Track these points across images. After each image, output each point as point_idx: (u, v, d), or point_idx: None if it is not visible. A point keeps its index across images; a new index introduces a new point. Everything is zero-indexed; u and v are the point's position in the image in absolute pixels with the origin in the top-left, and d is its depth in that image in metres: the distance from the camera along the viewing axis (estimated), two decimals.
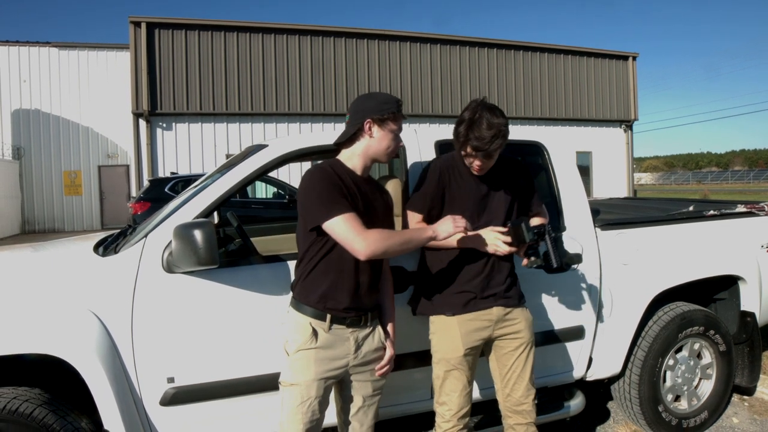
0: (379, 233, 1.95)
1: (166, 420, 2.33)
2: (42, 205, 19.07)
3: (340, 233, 1.94)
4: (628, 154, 21.38)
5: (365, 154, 2.12)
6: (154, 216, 2.80)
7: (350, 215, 1.94)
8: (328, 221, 1.94)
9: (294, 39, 17.15)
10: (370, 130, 2.09)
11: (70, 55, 19.24)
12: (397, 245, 1.99)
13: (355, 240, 1.92)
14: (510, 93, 19.52)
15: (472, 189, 2.34)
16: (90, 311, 2.21)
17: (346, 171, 2.09)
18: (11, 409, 2.06)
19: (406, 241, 2.03)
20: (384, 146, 2.12)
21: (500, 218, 2.36)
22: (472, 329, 2.32)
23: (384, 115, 2.08)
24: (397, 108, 2.12)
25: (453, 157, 2.42)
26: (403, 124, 2.20)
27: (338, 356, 2.07)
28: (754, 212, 3.58)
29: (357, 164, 2.13)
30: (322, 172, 2.01)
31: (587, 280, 2.95)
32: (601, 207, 4.31)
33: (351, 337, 2.09)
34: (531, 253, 2.26)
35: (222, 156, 16.43)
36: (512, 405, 2.40)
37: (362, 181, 2.13)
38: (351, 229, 1.92)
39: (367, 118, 2.07)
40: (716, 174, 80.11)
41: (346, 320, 2.07)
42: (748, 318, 3.48)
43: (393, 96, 2.16)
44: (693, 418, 3.32)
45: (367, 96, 2.17)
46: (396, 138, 2.14)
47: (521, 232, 2.20)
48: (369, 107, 2.10)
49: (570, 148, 3.30)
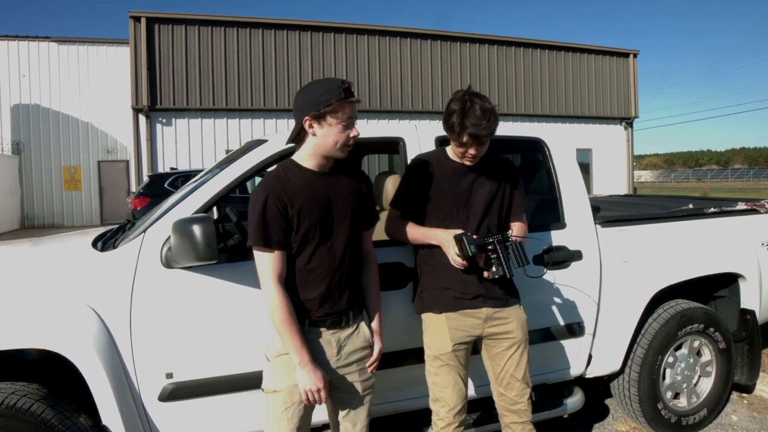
0: (280, 295, 1.90)
1: (164, 415, 2.32)
2: (41, 200, 19.04)
3: (258, 265, 1.94)
4: (628, 152, 21.37)
5: (315, 153, 1.97)
6: (153, 211, 2.79)
7: (271, 256, 1.91)
8: (254, 249, 1.93)
9: (294, 35, 17.12)
10: (311, 128, 1.92)
11: (70, 49, 19.18)
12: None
13: (263, 281, 1.93)
14: (510, 90, 19.50)
15: (451, 184, 2.34)
16: (88, 306, 2.20)
17: (298, 175, 1.96)
18: (9, 404, 2.05)
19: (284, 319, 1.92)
20: (331, 142, 1.93)
21: (479, 215, 2.34)
22: (461, 326, 2.32)
23: (320, 110, 1.87)
24: (338, 96, 1.87)
25: (434, 154, 2.46)
26: (356, 108, 1.98)
27: (322, 359, 2.01)
28: (755, 209, 3.57)
29: (312, 164, 1.99)
30: (263, 192, 1.91)
31: (587, 277, 2.94)
32: (602, 204, 4.30)
33: (332, 339, 2.03)
34: (491, 264, 2.22)
35: (222, 151, 16.40)
36: (507, 404, 2.40)
37: (319, 181, 1.98)
38: (265, 271, 1.92)
39: (304, 117, 1.90)
40: (716, 172, 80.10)
41: (325, 323, 2.02)
42: (748, 316, 3.48)
43: (333, 82, 1.90)
44: (692, 416, 3.32)
45: (303, 90, 1.98)
46: (344, 129, 1.93)
47: (464, 246, 2.16)
48: (304, 103, 1.91)
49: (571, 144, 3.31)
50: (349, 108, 1.92)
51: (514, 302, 2.40)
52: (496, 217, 2.37)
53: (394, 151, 2.96)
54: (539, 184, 3.07)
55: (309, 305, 1.99)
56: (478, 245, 2.18)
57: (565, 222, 2.92)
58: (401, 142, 2.75)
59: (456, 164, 2.36)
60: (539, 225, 2.84)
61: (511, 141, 3.14)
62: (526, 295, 2.48)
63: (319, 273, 1.98)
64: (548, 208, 2.97)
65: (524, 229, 2.47)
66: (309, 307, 1.99)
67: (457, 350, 2.31)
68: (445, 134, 2.44)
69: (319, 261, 1.97)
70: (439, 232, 2.28)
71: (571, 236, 2.90)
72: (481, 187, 2.35)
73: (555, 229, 2.89)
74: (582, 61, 20.69)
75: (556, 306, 2.90)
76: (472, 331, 2.33)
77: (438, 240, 2.28)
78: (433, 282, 2.37)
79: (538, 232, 2.77)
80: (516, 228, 2.43)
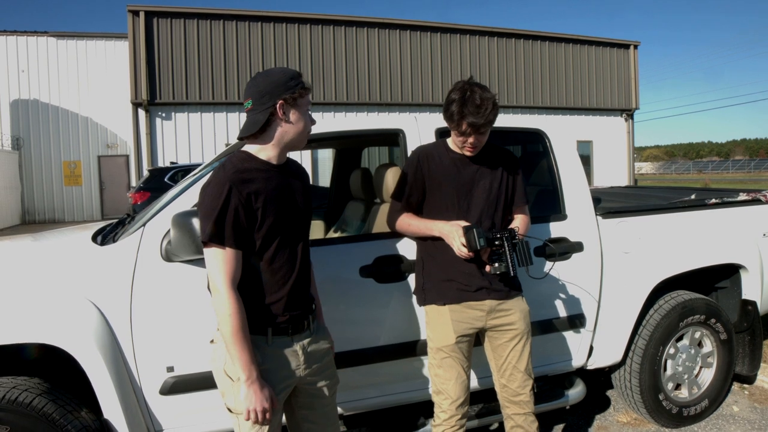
0: (235, 302, 1.71)
1: (165, 409, 2.33)
2: (42, 195, 19.07)
3: (209, 266, 1.75)
4: (629, 143, 21.33)
5: (280, 142, 1.84)
6: (152, 205, 2.78)
7: (227, 255, 1.72)
8: (205, 247, 1.75)
9: (293, 27, 17.06)
10: (284, 114, 1.80)
11: (69, 44, 19.15)
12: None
13: (216, 284, 1.73)
14: (510, 81, 19.44)
15: (452, 175, 2.33)
16: (89, 300, 2.20)
17: (256, 167, 1.82)
18: (11, 399, 2.06)
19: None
20: (301, 128, 1.85)
21: (480, 206, 2.33)
22: (464, 318, 2.31)
23: (295, 93, 1.79)
24: (303, 83, 1.83)
25: (434, 145, 2.45)
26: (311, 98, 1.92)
27: (287, 371, 1.87)
28: (759, 199, 3.56)
29: (272, 155, 1.85)
30: (224, 183, 1.73)
31: (588, 269, 2.94)
32: (603, 195, 4.29)
33: (297, 348, 1.89)
34: (495, 259, 2.21)
35: (221, 145, 16.38)
36: (509, 395, 2.40)
37: (277, 174, 1.86)
38: (219, 272, 1.72)
39: (278, 101, 1.78)
40: (717, 163, 79.91)
41: (288, 329, 1.87)
42: (750, 306, 3.47)
43: (290, 70, 1.85)
44: (693, 407, 3.32)
45: (264, 74, 1.83)
46: (309, 118, 1.88)
47: (472, 238, 2.15)
48: (272, 88, 1.78)
49: (571, 135, 3.31)
50: (308, 97, 1.87)
51: (516, 294, 2.40)
52: (497, 209, 2.36)
53: (394, 143, 2.95)
54: (540, 175, 3.06)
55: (274, 309, 1.84)
56: (487, 239, 2.17)
57: (566, 213, 2.91)
58: (401, 134, 2.74)
59: (457, 155, 2.35)
60: (540, 216, 2.83)
61: (511, 132, 3.13)
62: (527, 287, 2.48)
63: (284, 273, 1.85)
64: (549, 199, 2.96)
65: (526, 220, 2.46)
66: (274, 311, 1.84)
67: (460, 342, 2.31)
68: (445, 126, 2.44)
69: (283, 260, 1.84)
70: (442, 224, 2.27)
71: (572, 227, 2.89)
72: (483, 178, 2.34)
73: (556, 220, 2.88)
74: (582, 52, 20.61)
75: (557, 298, 2.90)
76: (475, 323, 2.33)
77: (440, 231, 2.27)
78: (436, 274, 2.36)
79: (538, 224, 2.77)
80: (518, 220, 2.42)
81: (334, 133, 2.84)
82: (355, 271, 2.53)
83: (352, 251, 2.60)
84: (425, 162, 2.34)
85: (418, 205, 2.38)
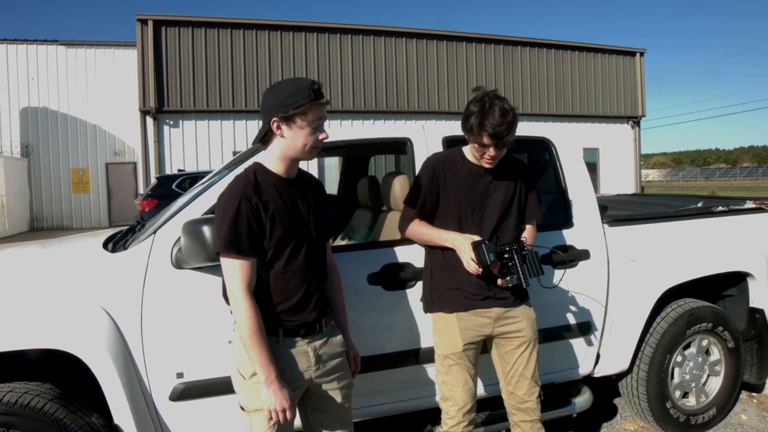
0: (251, 306, 1.79)
1: (175, 415, 2.34)
2: (50, 202, 19.19)
3: (226, 274, 1.83)
4: (635, 151, 21.28)
5: (284, 156, 1.90)
6: (162, 212, 2.81)
7: (242, 264, 1.80)
8: (221, 256, 1.83)
9: (300, 36, 17.17)
10: (279, 130, 1.85)
11: (78, 53, 19.32)
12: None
13: (233, 291, 1.81)
14: (516, 89, 19.46)
15: (467, 185, 2.33)
16: (100, 307, 2.22)
17: (267, 180, 1.89)
18: (23, 404, 2.08)
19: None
20: (300, 145, 1.86)
21: (494, 218, 2.33)
22: (472, 325, 2.32)
23: (288, 111, 1.81)
24: (308, 97, 1.81)
25: (450, 154, 2.44)
26: (326, 111, 1.92)
27: (298, 371, 1.92)
28: (764, 208, 3.56)
29: (279, 168, 1.92)
30: (236, 196, 1.81)
31: (595, 277, 2.94)
32: (609, 203, 4.29)
33: (308, 349, 1.94)
34: (506, 272, 2.23)
35: (229, 153, 16.47)
36: (516, 402, 2.40)
37: (286, 187, 1.92)
38: (235, 280, 1.80)
39: (272, 118, 1.84)
40: (724, 171, 79.51)
41: (299, 331, 1.92)
42: (757, 315, 3.46)
43: (303, 82, 1.83)
44: (701, 415, 3.31)
45: (271, 89, 1.89)
46: (313, 132, 1.86)
47: (482, 254, 2.15)
48: (272, 104, 1.84)
49: (577, 144, 3.31)
50: (318, 110, 1.85)
51: (523, 302, 2.41)
52: (511, 221, 2.37)
53: (401, 151, 2.97)
54: (546, 183, 3.07)
55: (284, 315, 1.90)
56: (497, 253, 2.17)
57: (573, 221, 2.92)
58: (408, 142, 2.76)
59: (473, 166, 2.35)
60: (547, 224, 2.83)
61: (517, 141, 3.10)
62: (534, 294, 2.49)
63: (297, 280, 1.91)
64: (556, 207, 2.97)
65: (533, 230, 2.47)
66: (284, 317, 1.90)
67: (468, 350, 2.32)
68: (451, 135, 2.46)
69: (296, 268, 1.90)
70: (455, 236, 2.27)
71: (578, 235, 2.90)
72: (497, 190, 2.35)
73: (562, 228, 2.89)
74: (588, 60, 20.62)
75: (564, 305, 2.91)
76: (482, 330, 2.34)
77: (453, 243, 2.27)
78: (444, 282, 2.36)
79: (545, 232, 2.77)
80: (528, 232, 2.43)
81: (341, 141, 2.86)
82: (363, 279, 2.55)
83: (360, 259, 2.61)
84: (441, 170, 2.34)
85: (431, 213, 2.38)
